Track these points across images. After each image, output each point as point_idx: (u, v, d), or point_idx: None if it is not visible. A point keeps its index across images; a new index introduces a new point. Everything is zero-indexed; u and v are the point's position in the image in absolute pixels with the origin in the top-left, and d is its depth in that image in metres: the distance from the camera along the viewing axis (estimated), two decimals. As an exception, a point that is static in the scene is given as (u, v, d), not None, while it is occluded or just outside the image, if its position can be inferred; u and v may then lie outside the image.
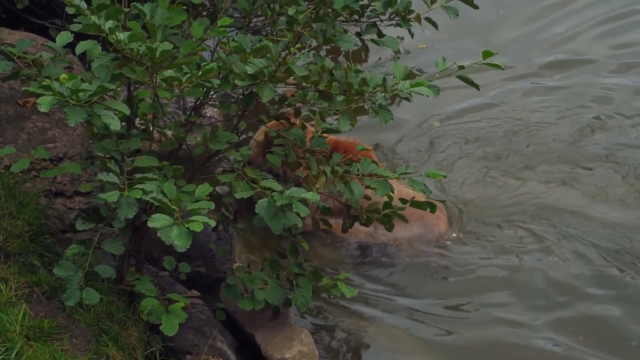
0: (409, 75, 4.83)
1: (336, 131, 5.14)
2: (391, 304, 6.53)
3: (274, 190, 4.55)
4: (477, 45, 8.72)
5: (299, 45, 4.82)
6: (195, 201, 4.22)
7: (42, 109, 4.03)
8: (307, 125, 5.68)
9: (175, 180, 4.63)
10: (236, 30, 5.72)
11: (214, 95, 5.29)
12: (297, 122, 5.60)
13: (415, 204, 5.30)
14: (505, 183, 7.73)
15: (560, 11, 10.10)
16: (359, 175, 5.07)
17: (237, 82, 4.69)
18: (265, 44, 4.70)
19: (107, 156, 4.75)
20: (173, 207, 4.08)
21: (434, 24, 5.67)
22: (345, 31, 5.29)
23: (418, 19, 5.64)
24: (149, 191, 4.23)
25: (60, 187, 5.71)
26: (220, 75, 4.73)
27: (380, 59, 9.11)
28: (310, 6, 4.95)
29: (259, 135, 6.84)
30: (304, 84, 4.95)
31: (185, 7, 4.60)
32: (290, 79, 4.89)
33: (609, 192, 7.61)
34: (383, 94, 4.82)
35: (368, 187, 5.07)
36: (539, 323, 6.37)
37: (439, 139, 8.25)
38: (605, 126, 8.40)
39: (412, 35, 5.89)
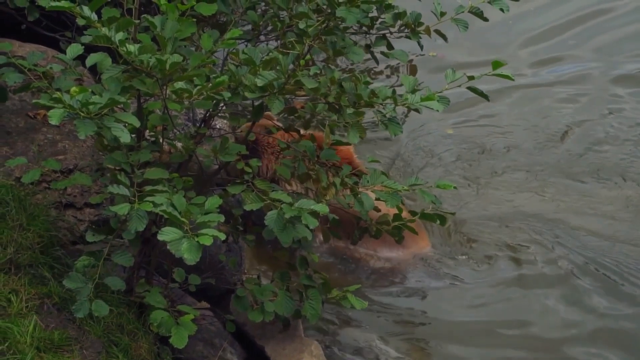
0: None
1: (346, 143, 5.14)
2: (399, 317, 6.51)
3: (283, 202, 4.55)
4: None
5: (308, 57, 4.83)
6: (205, 213, 4.23)
7: (53, 121, 4.05)
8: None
9: (185, 192, 4.63)
10: (246, 43, 5.73)
11: (224, 107, 5.29)
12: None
13: (425, 215, 5.30)
14: (493, 195, 7.68)
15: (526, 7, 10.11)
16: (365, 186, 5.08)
17: (246, 94, 4.70)
18: (275, 56, 4.70)
19: (117, 168, 4.75)
20: (183, 219, 4.09)
21: (444, 37, 5.67)
22: (355, 43, 5.29)
23: (427, 31, 5.64)
24: (159, 204, 4.23)
25: (70, 199, 5.73)
26: (230, 88, 4.74)
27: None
28: (319, 18, 4.96)
29: None
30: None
31: (195, 20, 4.61)
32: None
33: (603, 204, 7.54)
34: (393, 106, 4.82)
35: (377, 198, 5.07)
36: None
37: (428, 144, 8.25)
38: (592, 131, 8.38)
39: (421, 47, 5.88)
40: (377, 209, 5.35)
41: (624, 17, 10.15)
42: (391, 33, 5.79)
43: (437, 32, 5.66)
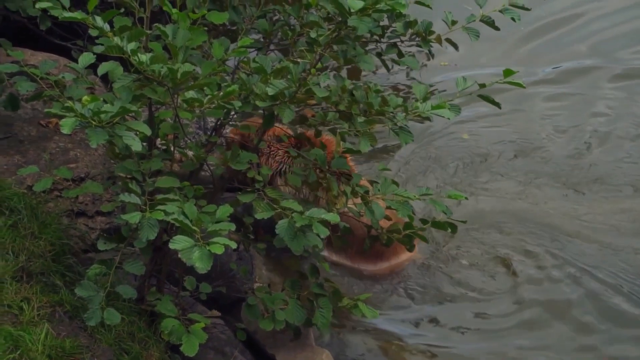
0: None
1: (356, 152, 5.15)
2: (411, 326, 6.49)
3: (294, 211, 4.55)
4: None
5: (319, 66, 4.83)
6: (216, 222, 4.23)
7: (65, 130, 4.06)
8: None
9: (196, 200, 4.64)
10: (257, 51, 5.74)
11: (235, 116, 5.30)
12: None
13: (436, 224, 5.29)
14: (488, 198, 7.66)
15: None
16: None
17: (257, 103, 4.70)
18: (286, 65, 4.71)
19: (129, 176, 4.76)
20: (194, 228, 4.09)
21: (455, 45, 5.67)
22: (366, 52, 5.29)
23: (438, 40, 5.64)
24: (170, 212, 4.24)
25: (82, 207, 5.74)
26: (241, 96, 4.74)
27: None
28: (330, 27, 4.96)
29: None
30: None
31: (206, 28, 4.62)
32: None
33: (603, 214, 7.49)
34: (404, 115, 4.82)
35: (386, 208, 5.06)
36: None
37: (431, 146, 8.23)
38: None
39: (432, 55, 5.88)
40: (388, 218, 5.35)
41: (621, 13, 10.10)
42: (402, 41, 5.79)
43: (448, 40, 5.66)
